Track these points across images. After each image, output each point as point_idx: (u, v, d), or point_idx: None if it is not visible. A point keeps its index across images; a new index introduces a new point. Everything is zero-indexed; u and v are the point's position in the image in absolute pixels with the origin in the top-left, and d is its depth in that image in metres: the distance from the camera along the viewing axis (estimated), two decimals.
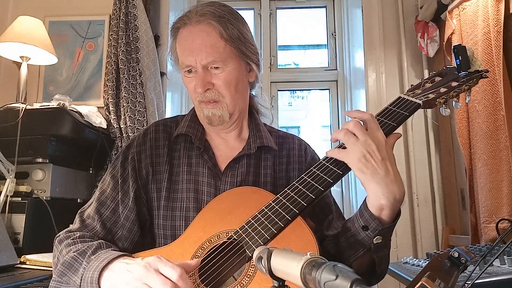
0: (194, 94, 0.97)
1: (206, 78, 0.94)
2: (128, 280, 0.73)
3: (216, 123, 0.98)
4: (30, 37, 1.96)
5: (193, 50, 0.93)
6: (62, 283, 0.84)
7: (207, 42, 0.92)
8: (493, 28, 1.66)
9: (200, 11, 0.94)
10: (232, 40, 0.94)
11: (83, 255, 0.84)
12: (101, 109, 2.19)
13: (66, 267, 0.84)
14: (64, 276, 0.84)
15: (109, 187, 0.98)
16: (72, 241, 0.88)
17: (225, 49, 0.93)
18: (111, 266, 0.79)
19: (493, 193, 1.66)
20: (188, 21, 0.95)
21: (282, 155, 1.06)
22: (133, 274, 0.73)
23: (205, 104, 0.97)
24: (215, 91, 0.95)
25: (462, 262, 0.68)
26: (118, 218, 0.95)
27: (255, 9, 2.89)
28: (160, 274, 0.71)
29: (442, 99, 0.92)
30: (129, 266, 0.76)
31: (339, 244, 0.87)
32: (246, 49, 0.97)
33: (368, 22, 2.48)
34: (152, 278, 0.71)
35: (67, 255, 0.85)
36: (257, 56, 1.01)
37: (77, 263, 0.83)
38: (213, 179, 0.98)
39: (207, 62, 0.93)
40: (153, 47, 2.28)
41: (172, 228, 0.95)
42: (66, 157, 1.85)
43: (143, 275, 0.72)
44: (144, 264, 0.73)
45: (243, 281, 0.76)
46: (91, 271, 0.79)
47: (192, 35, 0.94)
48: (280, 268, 0.52)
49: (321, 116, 2.99)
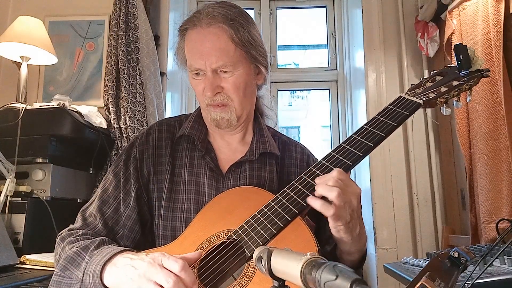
0: (203, 97, 0.96)
1: (216, 81, 0.93)
2: (132, 276, 0.74)
3: (223, 126, 0.97)
4: (30, 37, 1.96)
5: (203, 53, 0.92)
6: (64, 277, 0.84)
7: (217, 46, 0.91)
8: (493, 28, 1.66)
9: (211, 13, 0.93)
10: (242, 43, 0.93)
11: (86, 250, 0.84)
12: (101, 109, 2.19)
13: (68, 261, 0.84)
14: (66, 270, 0.84)
15: (111, 186, 0.98)
16: (75, 238, 0.89)
17: (235, 53, 0.92)
18: (114, 261, 0.79)
19: (493, 193, 1.65)
20: (198, 23, 0.93)
21: (285, 163, 1.05)
22: (137, 270, 0.74)
23: (214, 107, 0.96)
24: (224, 94, 0.94)
25: (462, 262, 0.68)
26: (119, 217, 0.95)
27: (255, 9, 2.89)
28: (163, 268, 0.72)
29: (442, 98, 0.92)
30: (133, 262, 0.76)
31: None
32: (256, 53, 0.96)
33: (368, 22, 2.48)
34: (156, 273, 0.72)
35: (70, 250, 0.85)
36: (266, 58, 1.00)
37: (80, 258, 0.83)
38: (214, 181, 0.97)
39: (217, 66, 0.92)
40: (153, 47, 2.28)
41: (172, 228, 0.95)
42: (66, 157, 1.85)
43: (147, 270, 0.72)
44: (148, 260, 0.74)
45: (243, 281, 0.76)
46: (93, 265, 0.79)
47: (202, 38, 0.92)
48: (280, 268, 0.52)
49: (321, 116, 2.99)
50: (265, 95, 1.11)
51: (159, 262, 0.73)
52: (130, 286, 0.74)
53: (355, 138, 0.87)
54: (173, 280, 0.70)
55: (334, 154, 0.86)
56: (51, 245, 0.93)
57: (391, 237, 2.25)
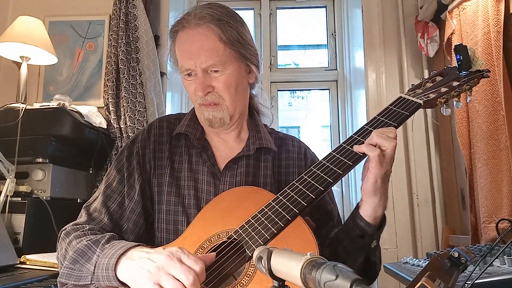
0: (195, 97, 0.97)
1: (206, 81, 0.94)
2: (149, 268, 0.72)
3: (216, 125, 0.99)
4: (30, 37, 1.96)
5: (193, 53, 0.93)
6: (75, 270, 0.83)
7: (206, 46, 0.92)
8: (493, 28, 1.66)
9: (198, 14, 0.94)
10: (231, 42, 0.94)
11: (97, 243, 0.83)
12: (101, 109, 2.19)
13: (79, 254, 0.83)
14: (77, 263, 0.83)
15: (115, 181, 0.98)
16: (82, 232, 0.88)
17: (224, 52, 0.93)
18: (129, 254, 0.78)
19: (493, 193, 1.65)
20: (187, 24, 0.95)
21: (282, 157, 1.07)
22: (155, 263, 0.72)
23: (206, 107, 0.97)
24: (215, 94, 0.96)
25: (462, 262, 0.68)
26: (124, 211, 0.96)
27: (255, 9, 2.89)
28: (183, 264, 0.71)
29: (443, 98, 0.92)
30: (150, 255, 0.75)
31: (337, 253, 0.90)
32: (245, 51, 0.97)
33: (368, 22, 2.48)
34: (175, 268, 0.70)
35: (80, 243, 0.84)
36: (256, 57, 1.01)
37: (91, 251, 0.82)
38: (212, 178, 0.99)
39: (206, 65, 0.93)
40: (153, 47, 2.28)
41: (174, 222, 0.96)
42: (66, 157, 1.85)
43: (166, 263, 0.71)
44: (167, 253, 0.73)
45: (243, 281, 0.76)
46: (107, 258, 0.79)
47: (191, 39, 0.94)
48: (280, 268, 0.52)
49: (321, 116, 2.99)
50: (259, 93, 1.13)
51: (178, 256, 0.72)
52: (146, 279, 0.71)
53: (355, 138, 0.88)
54: (194, 278, 0.69)
55: (335, 154, 0.86)
56: (51, 245, 0.93)
57: (391, 237, 2.26)
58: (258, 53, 1.02)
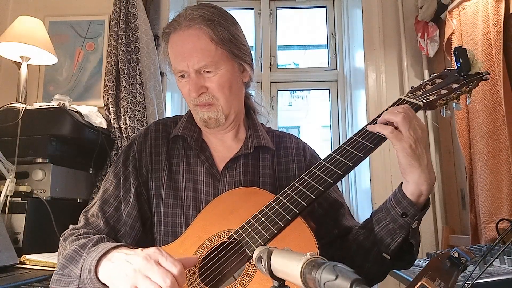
0: (189, 98, 0.98)
1: (199, 82, 0.95)
2: (127, 271, 0.72)
3: (212, 125, 0.99)
4: (30, 37, 1.96)
5: (185, 55, 0.93)
6: (64, 275, 0.84)
7: (197, 47, 0.93)
8: (493, 28, 1.66)
9: (189, 15, 0.94)
10: (223, 42, 0.94)
11: (84, 247, 0.84)
12: (101, 109, 2.19)
13: (67, 259, 0.85)
14: (66, 268, 0.84)
15: (111, 186, 0.99)
16: (76, 237, 0.89)
17: (216, 52, 0.93)
18: (109, 256, 0.78)
19: (493, 193, 1.66)
20: (178, 26, 0.95)
21: (280, 154, 1.07)
22: (132, 265, 0.72)
23: (200, 107, 0.97)
24: (209, 94, 0.96)
25: (462, 262, 0.68)
26: (120, 215, 0.96)
27: (255, 9, 2.89)
28: (160, 266, 0.70)
29: (442, 101, 0.92)
30: (128, 257, 0.74)
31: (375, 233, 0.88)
32: (237, 50, 0.97)
33: (368, 22, 2.48)
34: (152, 270, 0.70)
35: (69, 249, 0.86)
36: (249, 56, 1.01)
37: (78, 255, 0.83)
38: (211, 179, 0.99)
39: (199, 66, 0.93)
40: (153, 47, 2.28)
41: (173, 225, 0.96)
42: (66, 157, 1.85)
43: (142, 266, 0.70)
44: (144, 255, 0.72)
45: (243, 281, 0.76)
46: (89, 261, 0.79)
47: (182, 40, 0.94)
48: (280, 268, 0.52)
49: (321, 116, 2.99)
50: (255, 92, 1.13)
51: (156, 258, 0.71)
52: (125, 282, 0.71)
53: (355, 139, 0.88)
54: (171, 281, 0.68)
55: (335, 155, 0.87)
56: (51, 245, 0.94)
57: None
58: (251, 52, 1.03)
